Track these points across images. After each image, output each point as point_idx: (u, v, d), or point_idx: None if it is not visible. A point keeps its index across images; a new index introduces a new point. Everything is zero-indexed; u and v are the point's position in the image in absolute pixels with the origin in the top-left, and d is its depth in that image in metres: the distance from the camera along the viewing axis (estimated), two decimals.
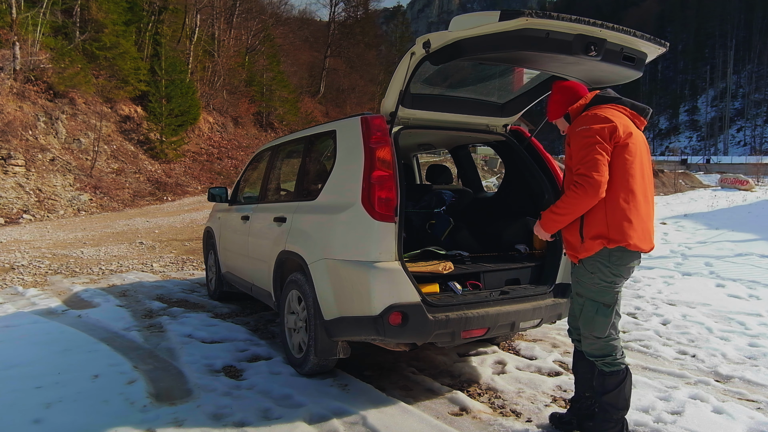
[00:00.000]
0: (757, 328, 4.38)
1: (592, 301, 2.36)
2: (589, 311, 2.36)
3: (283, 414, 2.78)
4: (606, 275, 2.31)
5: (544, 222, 2.42)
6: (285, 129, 29.41)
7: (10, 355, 3.62)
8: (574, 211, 2.28)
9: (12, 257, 7.63)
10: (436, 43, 2.68)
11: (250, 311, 5.09)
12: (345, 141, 3.17)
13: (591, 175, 2.20)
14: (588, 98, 2.46)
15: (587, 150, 2.24)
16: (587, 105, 2.44)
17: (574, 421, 2.60)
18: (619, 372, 2.36)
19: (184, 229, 11.10)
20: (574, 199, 2.25)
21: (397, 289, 2.72)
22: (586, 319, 2.38)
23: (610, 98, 2.43)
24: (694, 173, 38.86)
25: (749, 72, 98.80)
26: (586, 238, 2.30)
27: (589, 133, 2.26)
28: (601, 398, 2.39)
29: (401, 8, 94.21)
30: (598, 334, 2.35)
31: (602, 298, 2.34)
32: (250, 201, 4.73)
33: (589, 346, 2.41)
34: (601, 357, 2.38)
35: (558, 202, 2.35)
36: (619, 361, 2.37)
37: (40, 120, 16.15)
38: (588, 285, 2.36)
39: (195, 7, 26.71)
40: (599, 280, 2.32)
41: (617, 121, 2.29)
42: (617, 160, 2.27)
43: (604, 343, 2.36)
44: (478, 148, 20.01)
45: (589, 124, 2.29)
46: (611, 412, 2.37)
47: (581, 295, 2.41)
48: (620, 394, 2.35)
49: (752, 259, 7.30)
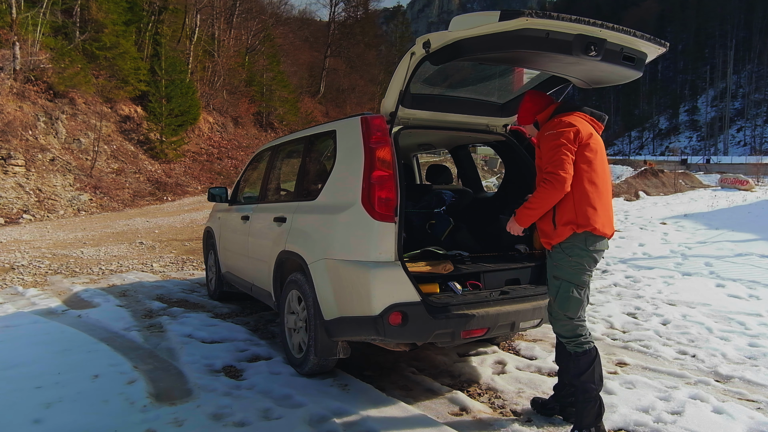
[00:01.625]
0: (757, 328, 4.38)
1: (568, 282, 2.58)
2: (565, 291, 2.58)
3: (283, 414, 2.78)
4: (582, 257, 2.56)
5: (519, 217, 2.68)
6: (285, 129, 29.42)
7: (10, 355, 3.62)
8: (544, 205, 2.57)
9: (12, 257, 7.63)
10: (436, 43, 2.68)
11: (250, 311, 5.09)
12: (345, 141, 3.17)
13: (558, 172, 2.50)
14: (552, 108, 2.76)
15: (555, 151, 2.53)
16: (553, 113, 2.73)
17: (556, 406, 2.81)
18: (589, 351, 2.58)
19: (184, 229, 11.10)
20: (543, 193, 2.54)
21: (397, 289, 2.72)
22: (561, 300, 2.59)
23: (573, 107, 2.73)
24: (694, 173, 38.81)
25: (749, 72, 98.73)
26: (558, 224, 2.57)
27: (556, 136, 2.56)
28: (579, 379, 2.57)
29: (401, 8, 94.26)
30: (571, 314, 2.58)
31: (577, 280, 2.58)
32: (250, 201, 4.73)
33: (562, 327, 2.62)
34: (572, 338, 2.60)
35: (530, 198, 2.62)
36: (588, 340, 2.60)
37: (40, 120, 16.15)
38: (565, 267, 2.59)
39: (195, 7, 26.73)
40: (576, 263, 2.57)
41: (579, 125, 2.60)
42: (581, 157, 2.57)
43: (576, 324, 2.59)
44: (478, 148, 20.00)
45: (557, 129, 2.59)
46: (590, 391, 2.55)
47: (558, 277, 2.62)
48: (594, 371, 2.56)
49: (752, 259, 7.30)
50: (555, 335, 2.73)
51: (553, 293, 2.66)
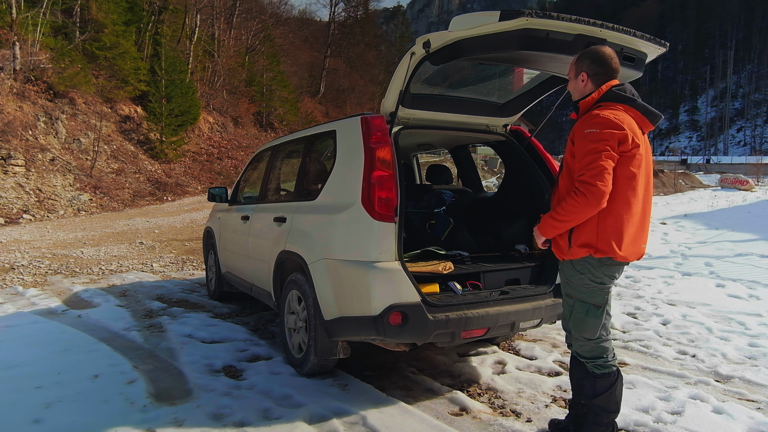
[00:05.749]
0: (757, 328, 4.38)
1: (582, 302, 2.31)
2: (579, 313, 2.32)
3: (283, 414, 2.78)
4: (596, 276, 2.26)
5: (542, 226, 2.32)
6: (285, 129, 29.41)
7: (10, 355, 3.62)
8: (573, 219, 2.18)
9: (12, 257, 7.63)
10: (436, 43, 2.68)
11: (250, 311, 5.09)
12: (345, 141, 3.17)
13: (595, 183, 2.08)
14: (601, 91, 2.26)
15: (594, 156, 2.11)
16: (599, 99, 2.25)
17: (570, 427, 2.55)
18: (610, 374, 2.31)
19: (184, 229, 11.10)
20: (574, 206, 2.14)
21: (397, 289, 2.72)
22: (576, 321, 2.33)
23: (624, 98, 2.24)
24: (694, 173, 38.84)
25: (749, 72, 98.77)
26: (574, 245, 2.25)
27: (597, 137, 2.12)
28: (592, 401, 2.34)
29: (401, 8, 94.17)
30: (589, 336, 2.31)
31: (592, 299, 2.30)
32: (250, 201, 4.73)
33: (580, 347, 2.36)
34: (592, 359, 2.33)
35: (558, 208, 2.24)
36: (610, 363, 2.32)
37: (40, 120, 16.15)
38: (578, 286, 2.31)
39: (195, 7, 26.71)
40: (589, 281, 2.27)
41: (628, 128, 2.15)
42: (620, 171, 2.16)
43: (595, 344, 2.32)
44: (478, 148, 20.01)
45: (600, 128, 2.13)
46: (601, 416, 2.33)
47: (571, 296, 2.36)
48: (611, 397, 2.31)
49: (752, 259, 7.30)
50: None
51: (566, 313, 2.40)
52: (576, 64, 2.35)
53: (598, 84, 2.28)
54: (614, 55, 2.30)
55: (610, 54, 2.29)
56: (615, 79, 2.30)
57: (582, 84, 2.32)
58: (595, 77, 2.28)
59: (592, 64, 2.28)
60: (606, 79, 2.27)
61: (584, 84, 2.32)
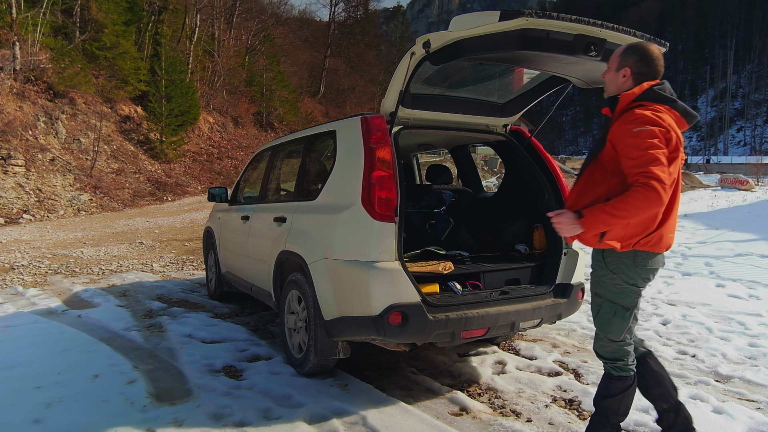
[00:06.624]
0: (757, 328, 4.38)
1: (611, 302, 2.23)
2: (606, 313, 2.24)
3: (283, 414, 2.78)
4: (629, 277, 2.17)
5: (591, 219, 2.04)
6: (285, 129, 29.42)
7: (10, 355, 3.62)
8: (635, 215, 1.98)
9: (12, 257, 7.63)
10: (436, 43, 2.68)
11: (250, 311, 5.09)
12: (345, 141, 3.17)
13: (660, 177, 1.92)
14: (643, 88, 2.12)
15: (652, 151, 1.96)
16: (639, 96, 2.12)
17: None
18: (626, 378, 2.27)
19: (184, 229, 11.10)
20: (641, 201, 1.93)
21: (397, 289, 2.72)
22: (602, 321, 2.27)
23: (665, 98, 2.13)
24: (694, 173, 38.84)
25: (749, 72, 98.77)
26: (605, 239, 2.12)
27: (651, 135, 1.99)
28: (603, 401, 2.31)
29: (401, 8, 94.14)
30: (613, 337, 2.24)
31: (622, 301, 2.22)
32: (250, 201, 4.73)
33: (602, 348, 2.30)
34: (612, 360, 2.28)
35: (617, 202, 1.99)
36: (629, 367, 2.27)
37: (40, 120, 16.15)
38: (609, 285, 2.22)
39: (195, 7, 26.72)
40: (621, 281, 2.19)
41: (672, 130, 2.05)
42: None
43: (619, 346, 2.26)
44: (478, 148, 20.02)
45: (650, 125, 2.01)
46: (609, 417, 2.30)
47: (600, 295, 2.27)
48: (623, 400, 2.28)
49: (752, 259, 7.30)
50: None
51: (594, 312, 2.32)
52: (620, 57, 2.21)
53: (638, 82, 2.17)
54: (662, 57, 2.22)
55: (658, 55, 2.20)
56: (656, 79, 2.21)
57: (622, 79, 2.21)
58: (638, 75, 2.18)
59: (639, 62, 2.17)
60: (648, 80, 2.17)
61: (625, 80, 2.20)
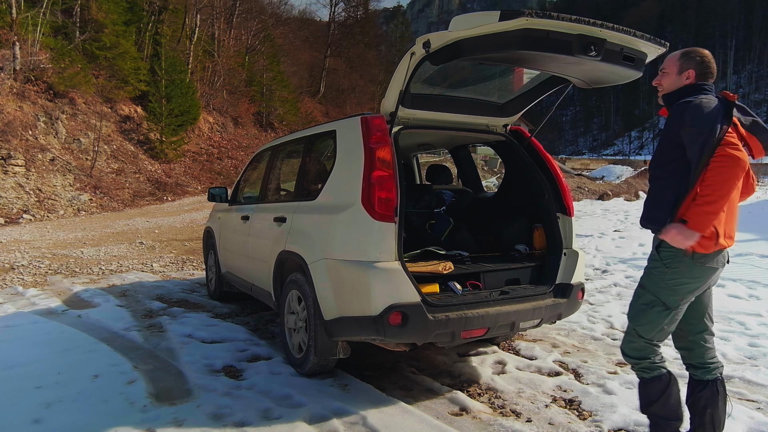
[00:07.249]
0: (757, 328, 4.38)
1: (653, 295, 2.14)
2: (644, 303, 2.16)
3: (283, 414, 2.78)
4: (683, 273, 2.09)
5: (697, 221, 1.99)
6: (285, 129, 29.41)
7: (10, 355, 3.62)
8: (724, 189, 1.94)
9: (12, 257, 7.63)
10: (436, 43, 2.68)
11: (250, 311, 5.09)
12: (345, 141, 3.17)
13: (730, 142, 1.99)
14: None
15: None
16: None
17: None
18: (660, 377, 2.17)
19: (184, 229, 11.10)
20: (720, 174, 1.93)
21: (397, 289, 2.72)
22: (637, 309, 2.18)
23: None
24: None
25: (749, 72, 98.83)
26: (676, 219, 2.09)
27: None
28: (648, 410, 2.21)
29: (401, 8, 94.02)
30: (643, 333, 2.15)
31: (665, 297, 2.12)
32: (250, 201, 4.73)
33: (628, 343, 2.21)
34: (637, 359, 2.19)
35: (704, 189, 1.98)
36: (658, 365, 2.18)
37: (40, 120, 16.15)
38: (656, 278, 2.14)
39: (195, 7, 26.72)
40: (672, 278, 2.10)
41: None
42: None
43: (645, 344, 2.17)
44: (478, 148, 20.01)
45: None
46: (662, 425, 2.17)
47: (644, 287, 2.20)
48: (668, 402, 2.16)
49: (752, 259, 7.29)
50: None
51: (632, 300, 2.25)
52: (680, 61, 2.29)
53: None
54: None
55: (712, 58, 2.31)
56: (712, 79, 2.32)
57: (686, 81, 2.27)
58: (701, 77, 2.27)
59: (701, 65, 2.26)
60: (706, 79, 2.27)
61: (689, 81, 2.27)
